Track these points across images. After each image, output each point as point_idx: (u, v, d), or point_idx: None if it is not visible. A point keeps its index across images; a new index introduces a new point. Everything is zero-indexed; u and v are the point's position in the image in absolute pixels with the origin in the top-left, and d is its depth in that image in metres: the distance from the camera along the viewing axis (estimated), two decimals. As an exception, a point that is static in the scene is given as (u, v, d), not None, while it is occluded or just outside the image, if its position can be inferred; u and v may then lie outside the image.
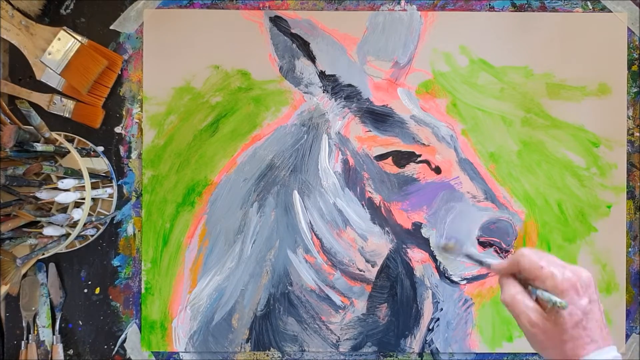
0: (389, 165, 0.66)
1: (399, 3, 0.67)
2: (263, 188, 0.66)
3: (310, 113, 0.67)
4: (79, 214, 0.60)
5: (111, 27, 0.67)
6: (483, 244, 0.65)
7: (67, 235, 0.61)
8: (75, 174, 0.60)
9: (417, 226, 0.66)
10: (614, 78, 0.66)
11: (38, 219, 0.58)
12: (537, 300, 0.49)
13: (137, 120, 0.67)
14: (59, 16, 0.67)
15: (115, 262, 0.67)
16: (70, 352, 0.67)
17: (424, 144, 0.65)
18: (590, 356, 0.47)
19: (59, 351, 0.65)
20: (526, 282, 0.50)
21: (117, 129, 0.67)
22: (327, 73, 0.66)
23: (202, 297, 0.66)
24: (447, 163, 0.65)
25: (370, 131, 0.66)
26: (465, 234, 0.65)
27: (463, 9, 0.67)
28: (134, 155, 0.67)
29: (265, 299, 0.66)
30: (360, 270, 0.66)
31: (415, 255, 0.66)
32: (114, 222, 0.67)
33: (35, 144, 0.58)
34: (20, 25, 0.64)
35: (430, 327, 0.66)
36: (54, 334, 0.66)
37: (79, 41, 0.64)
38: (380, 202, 0.66)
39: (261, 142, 0.67)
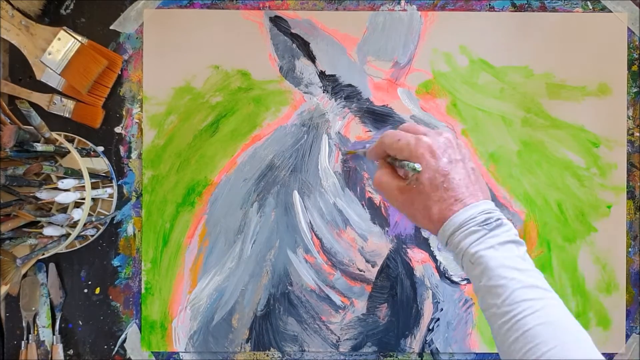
0: (389, 165, 0.66)
1: (399, 3, 0.67)
2: (263, 188, 0.66)
3: (310, 113, 0.67)
4: (79, 214, 0.60)
5: (111, 27, 0.67)
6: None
7: (67, 235, 0.61)
8: (75, 174, 0.60)
9: (417, 226, 0.66)
10: (614, 78, 0.66)
11: (38, 219, 0.58)
12: (403, 175, 0.48)
13: (137, 120, 0.67)
14: (59, 16, 0.67)
15: (115, 262, 0.67)
16: (70, 352, 0.67)
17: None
18: (455, 215, 0.45)
19: (59, 351, 0.65)
20: (393, 158, 0.50)
21: (117, 129, 0.67)
22: (327, 73, 0.66)
23: (202, 297, 0.66)
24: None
25: (370, 131, 0.66)
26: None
27: (463, 9, 0.67)
28: (134, 155, 0.67)
29: (265, 299, 0.66)
30: (360, 270, 0.66)
31: (415, 255, 0.66)
32: (114, 222, 0.67)
33: (35, 144, 0.58)
34: (20, 25, 0.64)
35: (431, 327, 0.66)
36: (54, 334, 0.66)
37: (79, 41, 0.64)
38: (380, 202, 0.66)
39: (261, 142, 0.67)
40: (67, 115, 0.66)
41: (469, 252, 0.44)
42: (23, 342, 0.65)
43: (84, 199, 0.60)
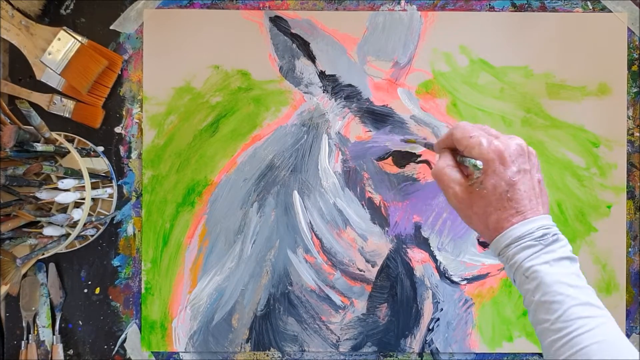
0: (389, 165, 0.66)
1: (399, 3, 0.67)
2: (263, 188, 0.66)
3: (310, 113, 0.67)
4: (79, 214, 0.60)
5: (111, 27, 0.67)
6: (483, 244, 0.65)
7: (67, 235, 0.61)
8: (75, 174, 0.60)
9: (417, 226, 0.66)
10: (614, 78, 0.66)
11: (38, 219, 0.58)
12: (466, 172, 0.47)
13: (137, 120, 0.67)
14: (59, 16, 0.67)
15: (115, 262, 0.67)
16: (70, 352, 0.67)
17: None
18: (513, 227, 0.44)
19: (59, 351, 0.65)
20: (461, 155, 0.48)
21: (117, 129, 0.67)
22: (327, 73, 0.66)
23: (202, 297, 0.66)
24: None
25: (370, 131, 0.66)
26: (465, 234, 0.65)
27: (463, 9, 0.67)
28: (134, 155, 0.67)
29: (265, 299, 0.66)
30: (360, 270, 0.66)
31: (415, 255, 0.66)
32: (114, 222, 0.67)
33: (35, 144, 0.58)
34: (20, 25, 0.64)
35: (430, 327, 0.66)
36: (54, 334, 0.66)
37: (79, 41, 0.64)
38: (380, 202, 0.66)
39: (261, 142, 0.67)
40: (67, 115, 0.66)
41: (524, 266, 0.43)
42: (23, 342, 0.65)
43: (84, 199, 0.60)
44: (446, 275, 0.66)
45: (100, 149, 0.66)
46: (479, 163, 0.45)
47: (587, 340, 0.40)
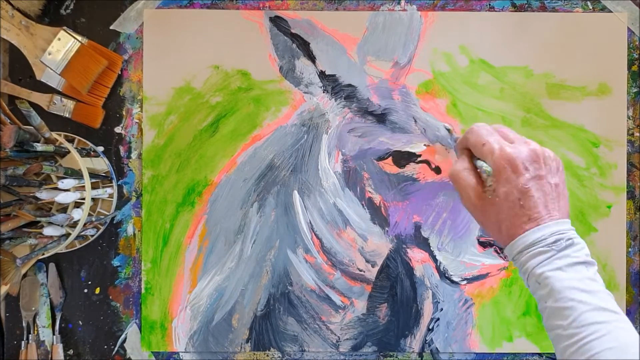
0: (389, 165, 0.66)
1: (399, 3, 0.67)
2: (263, 188, 0.66)
3: (310, 113, 0.67)
4: (79, 214, 0.60)
5: (111, 27, 0.67)
6: (483, 244, 0.65)
7: (67, 235, 0.61)
8: (75, 174, 0.60)
9: (417, 226, 0.66)
10: (614, 78, 0.66)
11: (38, 219, 0.58)
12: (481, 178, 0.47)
13: (137, 120, 0.67)
14: (59, 16, 0.67)
15: (115, 262, 0.67)
16: (70, 352, 0.67)
17: (424, 144, 0.65)
18: (525, 234, 0.44)
19: (59, 351, 0.65)
20: (476, 158, 0.48)
21: (117, 129, 0.67)
22: (327, 73, 0.66)
23: (202, 297, 0.66)
24: (447, 163, 0.65)
25: (370, 131, 0.66)
26: (465, 234, 0.65)
27: (463, 9, 0.67)
28: (134, 155, 0.67)
29: (265, 299, 0.66)
30: (360, 270, 0.66)
31: (415, 255, 0.66)
32: (114, 222, 0.67)
33: (35, 144, 0.58)
34: (20, 25, 0.64)
35: (430, 327, 0.66)
36: (54, 334, 0.66)
37: (79, 41, 0.64)
38: (380, 202, 0.66)
39: (261, 142, 0.67)
40: (67, 115, 0.66)
41: (536, 272, 0.43)
42: (23, 342, 0.65)
43: (84, 199, 0.60)
44: (446, 275, 0.66)
45: (100, 149, 0.66)
46: (488, 168, 0.45)
47: (600, 345, 0.40)
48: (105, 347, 0.67)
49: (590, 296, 0.42)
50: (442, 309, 0.66)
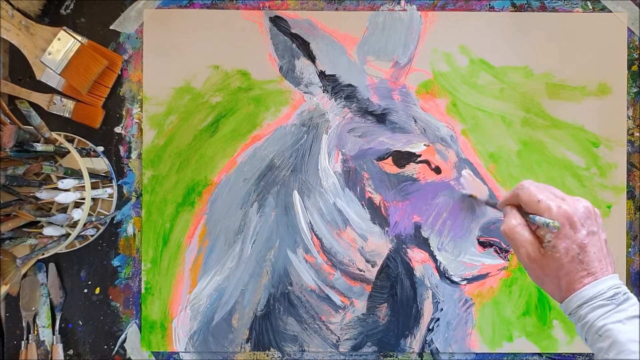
0: (389, 165, 0.66)
1: (399, 3, 0.67)
2: (263, 188, 0.66)
3: (310, 113, 0.67)
4: (79, 214, 0.60)
5: (111, 27, 0.67)
6: (483, 244, 0.65)
7: (67, 235, 0.61)
8: (75, 174, 0.60)
9: (417, 226, 0.66)
10: (614, 78, 0.66)
11: (38, 219, 0.58)
12: (536, 233, 0.48)
13: (137, 120, 0.67)
14: (59, 16, 0.67)
15: (115, 262, 0.67)
16: (70, 352, 0.67)
17: (424, 144, 0.65)
18: (584, 289, 0.45)
19: (59, 351, 0.65)
20: (530, 213, 0.49)
21: (117, 129, 0.67)
22: (327, 73, 0.66)
23: (202, 297, 0.66)
24: (447, 163, 0.65)
25: (370, 131, 0.66)
26: (465, 234, 0.65)
27: (463, 9, 0.67)
28: (134, 155, 0.67)
29: (265, 299, 0.66)
30: (360, 270, 0.66)
31: (415, 255, 0.66)
32: (114, 222, 0.67)
33: (35, 144, 0.58)
34: (20, 25, 0.64)
35: (430, 327, 0.66)
36: (54, 334, 0.66)
37: (79, 41, 0.64)
38: (380, 202, 0.66)
39: (261, 142, 0.67)
40: (67, 115, 0.66)
41: (597, 325, 0.44)
42: (23, 342, 0.65)
43: (84, 199, 0.60)
44: (446, 275, 0.66)
45: (100, 149, 0.66)
46: (556, 223, 0.45)
47: None
48: (105, 347, 0.67)
49: None
50: (442, 309, 0.66)
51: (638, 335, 0.43)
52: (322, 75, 0.66)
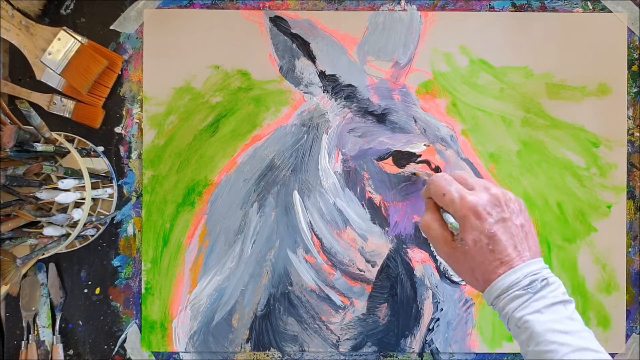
0: (389, 165, 0.66)
1: (399, 3, 0.67)
2: (263, 188, 0.66)
3: (310, 113, 0.67)
4: (79, 214, 0.60)
5: (111, 27, 0.67)
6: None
7: (67, 235, 0.61)
8: (75, 174, 0.60)
9: (417, 226, 0.66)
10: (614, 78, 0.66)
11: (38, 219, 0.58)
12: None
13: (137, 120, 0.67)
14: (59, 16, 0.67)
15: (115, 262, 0.67)
16: (70, 352, 0.67)
17: (424, 144, 0.65)
18: (499, 279, 0.44)
19: (59, 351, 0.65)
20: (442, 209, 0.49)
21: (117, 129, 0.67)
22: (327, 73, 0.66)
23: (202, 297, 0.66)
24: (447, 163, 0.65)
25: (370, 131, 0.66)
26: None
27: (463, 9, 0.67)
28: (134, 155, 0.67)
29: (265, 299, 0.66)
30: (360, 270, 0.66)
31: (415, 255, 0.66)
32: (114, 222, 0.67)
33: (35, 144, 0.58)
34: (20, 25, 0.64)
35: (431, 327, 0.66)
36: (54, 334, 0.66)
37: (79, 41, 0.64)
38: (380, 202, 0.66)
39: (261, 142, 0.67)
40: (67, 115, 0.66)
41: (515, 316, 0.43)
42: (23, 342, 0.65)
43: (84, 199, 0.60)
44: (446, 275, 0.66)
45: (100, 149, 0.66)
46: (455, 225, 0.45)
47: None
48: (105, 347, 0.67)
49: (571, 337, 0.42)
50: (442, 309, 0.66)
51: (556, 324, 0.42)
52: (322, 75, 0.66)
